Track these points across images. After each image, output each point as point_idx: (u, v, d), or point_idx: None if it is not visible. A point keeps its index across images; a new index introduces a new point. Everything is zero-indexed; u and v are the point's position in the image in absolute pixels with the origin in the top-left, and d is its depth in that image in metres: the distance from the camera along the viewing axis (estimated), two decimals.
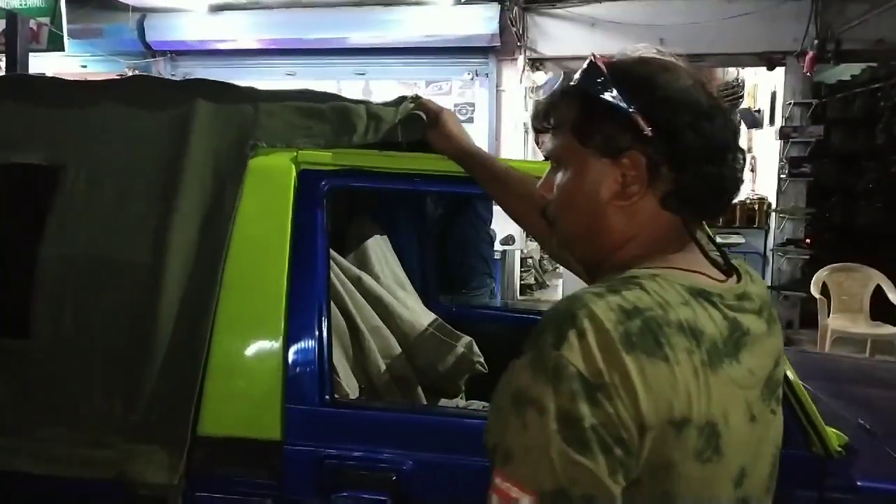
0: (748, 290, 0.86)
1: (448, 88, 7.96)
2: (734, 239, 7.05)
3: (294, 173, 1.57)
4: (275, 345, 1.51)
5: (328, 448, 1.47)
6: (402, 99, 1.61)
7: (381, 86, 7.94)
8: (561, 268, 8.93)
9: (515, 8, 6.70)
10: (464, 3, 6.93)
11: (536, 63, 7.27)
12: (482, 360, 2.29)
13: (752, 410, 0.79)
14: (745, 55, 7.00)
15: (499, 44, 7.14)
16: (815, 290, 5.81)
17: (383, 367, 1.99)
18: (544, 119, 0.93)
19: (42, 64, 6.64)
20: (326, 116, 1.60)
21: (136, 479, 1.47)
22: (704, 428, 0.72)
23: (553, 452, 0.68)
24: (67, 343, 1.57)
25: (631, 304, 0.73)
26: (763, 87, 7.95)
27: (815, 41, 6.53)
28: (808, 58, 6.56)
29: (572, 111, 0.88)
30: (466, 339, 2.28)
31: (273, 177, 1.57)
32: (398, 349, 2.08)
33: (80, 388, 1.55)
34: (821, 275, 5.87)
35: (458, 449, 1.45)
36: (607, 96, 0.83)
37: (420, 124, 1.52)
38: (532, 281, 8.52)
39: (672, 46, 0.96)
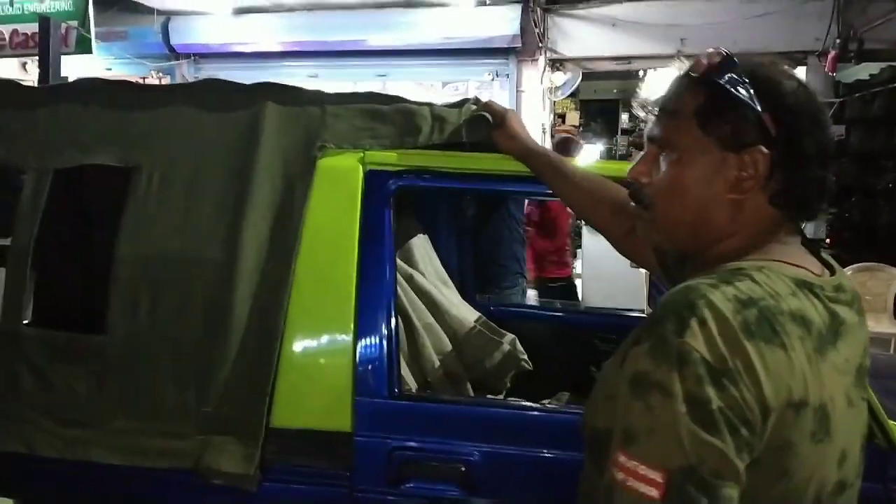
0: (842, 282, 0.90)
1: (465, 89, 8.01)
2: None
3: (361, 173, 1.62)
4: (345, 340, 1.56)
5: (397, 440, 1.52)
6: (464, 101, 1.66)
7: (400, 87, 7.99)
8: (578, 268, 8.96)
9: (538, 9, 6.72)
10: (486, 5, 6.97)
11: (556, 64, 7.30)
12: (526, 357, 2.34)
13: (849, 396, 0.84)
14: (767, 55, 6.90)
15: (520, 45, 7.18)
16: None
17: (437, 363, 2.04)
18: (659, 103, 0.94)
19: (67, 66, 6.75)
20: (391, 118, 1.65)
21: (213, 469, 1.53)
22: (818, 410, 0.77)
23: (682, 432, 0.71)
24: (142, 338, 1.62)
25: (745, 295, 0.77)
26: None
27: (837, 40, 6.53)
28: (830, 57, 6.56)
29: (698, 99, 0.88)
30: (510, 336, 2.33)
31: (341, 177, 1.62)
32: (449, 346, 2.13)
33: (153, 382, 1.61)
34: None
35: (525, 441, 1.49)
36: (741, 91, 0.85)
37: (485, 125, 1.57)
38: None
39: (693, 47, 1.00)
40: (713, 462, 0.71)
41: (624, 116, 12.35)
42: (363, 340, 1.56)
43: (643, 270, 7.16)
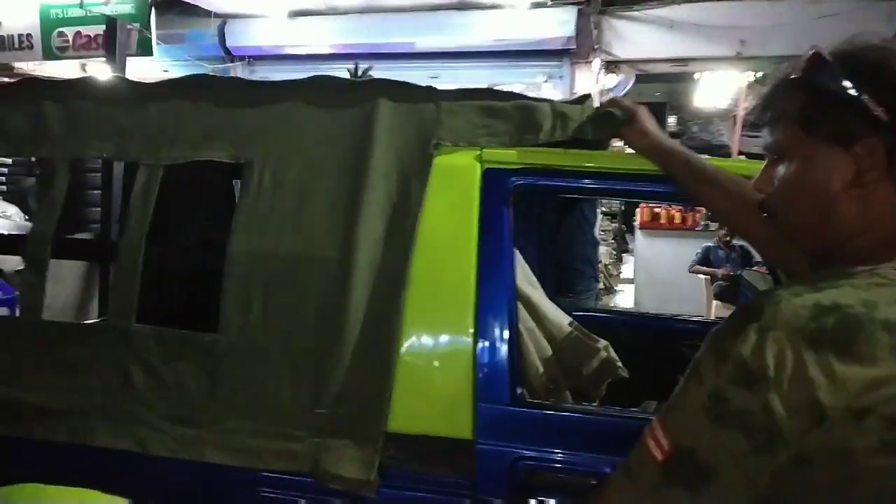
0: None
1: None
2: None
3: (479, 171, 1.57)
4: (465, 342, 1.51)
5: (521, 449, 1.47)
6: (584, 97, 1.61)
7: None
8: (630, 272, 8.82)
9: (594, 11, 6.64)
10: (542, 7, 6.91)
11: (611, 66, 7.20)
12: (620, 364, 2.27)
13: None
14: None
15: (574, 47, 7.10)
16: None
17: (540, 368, 1.98)
18: (763, 112, 0.94)
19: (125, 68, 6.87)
20: (509, 115, 1.60)
21: (331, 473, 1.50)
22: (888, 420, 0.73)
23: (696, 418, 0.80)
24: (255, 337, 1.60)
25: (830, 301, 0.76)
26: None
27: None
28: None
29: (796, 102, 0.88)
30: (604, 342, 2.26)
31: (458, 175, 1.58)
32: (550, 351, 2.07)
33: (266, 382, 1.59)
34: None
35: None
36: (836, 84, 0.83)
37: (614, 121, 1.51)
38: (601, 286, 8.42)
39: (753, 48, 0.97)
40: (710, 454, 0.78)
41: (671, 119, 12.18)
42: (483, 344, 1.51)
43: (702, 275, 7.03)
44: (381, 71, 8.13)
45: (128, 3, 6.85)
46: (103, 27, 7.12)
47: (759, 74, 8.01)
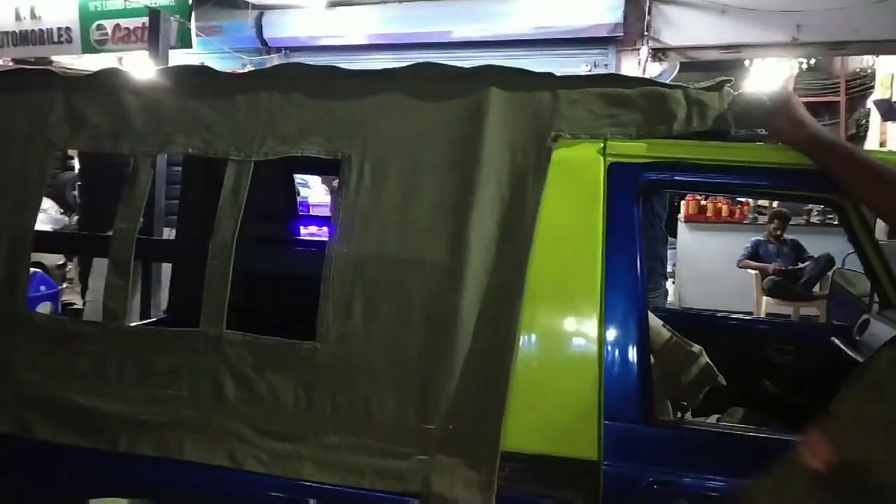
0: None
1: None
2: None
3: (603, 166, 1.44)
4: (590, 353, 1.39)
5: (653, 471, 1.33)
6: (721, 83, 1.46)
7: None
8: (670, 268, 8.59)
9: None
10: None
11: (659, 53, 6.97)
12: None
13: None
14: (892, 42, 6.51)
15: (622, 34, 6.89)
16: None
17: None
18: None
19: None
20: (636, 103, 1.46)
21: (445, 496, 1.38)
22: None
23: (872, 433, 0.77)
24: (356, 346, 1.49)
25: None
26: None
27: None
28: None
29: None
30: (698, 346, 2.12)
31: (580, 170, 1.45)
32: (651, 359, 1.93)
33: (369, 394, 1.47)
34: None
35: None
36: None
37: (762, 110, 1.36)
38: None
39: (810, 34, 0.81)
40: (884, 472, 0.76)
41: None
42: (612, 354, 1.38)
43: (751, 271, 6.80)
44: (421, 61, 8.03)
45: None
46: (143, 20, 7.11)
47: (812, 61, 7.74)
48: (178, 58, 6.80)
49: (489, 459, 1.38)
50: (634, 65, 7.04)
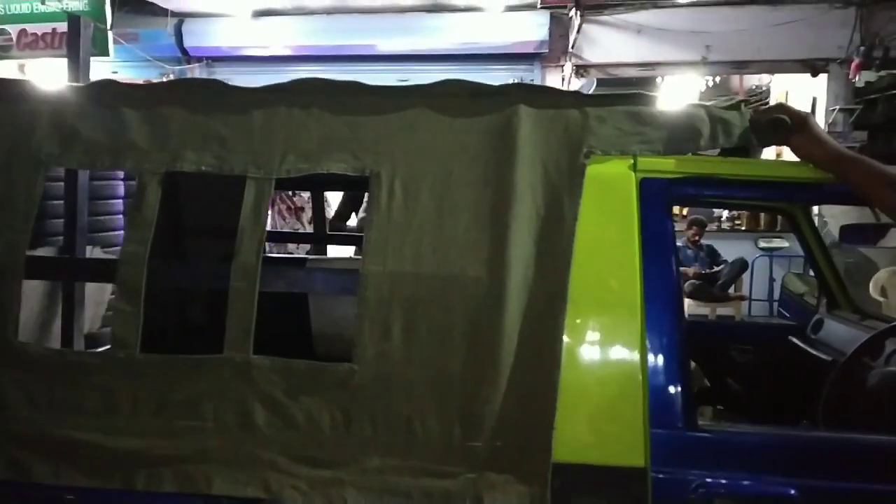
0: None
1: None
2: (777, 243, 7.12)
3: (635, 182, 1.50)
4: (632, 363, 1.44)
5: (700, 476, 1.40)
6: (738, 103, 1.56)
7: None
8: None
9: (572, 14, 6.69)
10: (516, 10, 6.91)
11: (581, 70, 7.27)
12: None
13: None
14: (790, 62, 7.09)
15: (547, 50, 7.13)
16: (874, 292, 5.88)
17: None
18: None
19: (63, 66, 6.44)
20: (662, 121, 1.53)
21: None
22: None
23: None
24: (395, 365, 1.47)
25: None
26: (795, 94, 8.06)
27: (861, 48, 6.65)
28: (854, 65, 6.68)
29: None
30: None
31: (613, 186, 1.50)
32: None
33: (411, 414, 1.46)
34: (880, 276, 5.94)
35: (859, 475, 1.38)
36: None
37: (783, 128, 1.47)
38: None
39: (718, 54, 0.95)
40: None
41: None
42: (654, 363, 1.44)
43: None
44: (349, 74, 7.97)
45: (80, 0, 6.44)
46: (52, 25, 6.70)
47: (717, 79, 8.28)
48: (93, 67, 6.45)
49: (540, 474, 1.40)
50: (559, 80, 7.30)
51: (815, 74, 7.05)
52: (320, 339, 2.61)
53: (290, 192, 5.55)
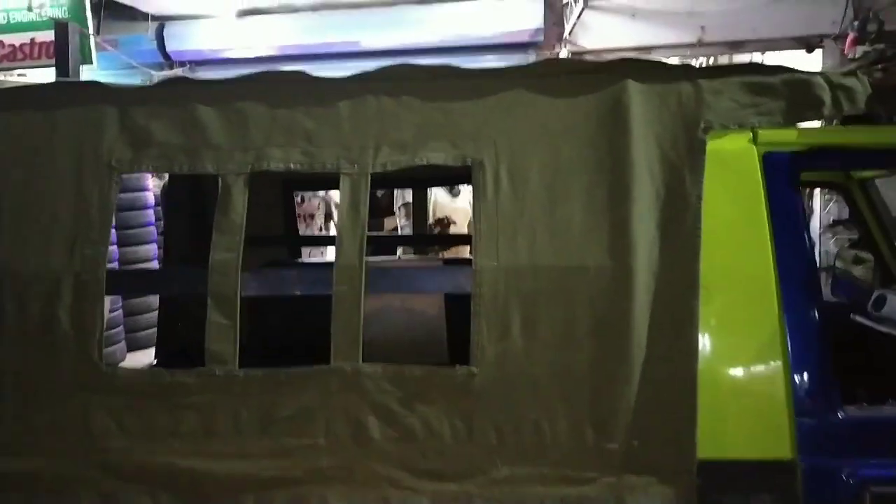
0: None
1: None
2: None
3: (757, 156, 1.41)
4: (772, 349, 1.34)
5: (849, 463, 1.31)
6: (852, 71, 1.48)
7: None
8: None
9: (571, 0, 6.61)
10: None
11: (577, 57, 7.18)
12: None
13: None
14: (785, 39, 7.07)
15: (542, 39, 7.03)
16: None
17: None
18: None
19: (43, 78, 6.19)
20: (780, 91, 1.44)
21: None
22: None
23: None
24: (518, 366, 1.37)
25: None
26: None
27: (855, 23, 6.65)
28: (849, 39, 6.66)
29: None
30: None
31: (734, 161, 1.42)
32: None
33: (538, 417, 1.36)
34: None
35: None
36: None
37: None
38: None
39: (713, 34, 0.86)
40: None
41: None
42: (795, 350, 1.34)
43: None
44: (336, 71, 7.81)
45: (60, 6, 6.19)
46: (30, 35, 6.43)
47: (712, 60, 8.27)
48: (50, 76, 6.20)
49: (685, 473, 1.31)
50: None
51: (810, 51, 7.04)
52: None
53: (300, 199, 5.41)
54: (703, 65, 8.67)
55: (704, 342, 1.35)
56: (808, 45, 6.98)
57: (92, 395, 1.41)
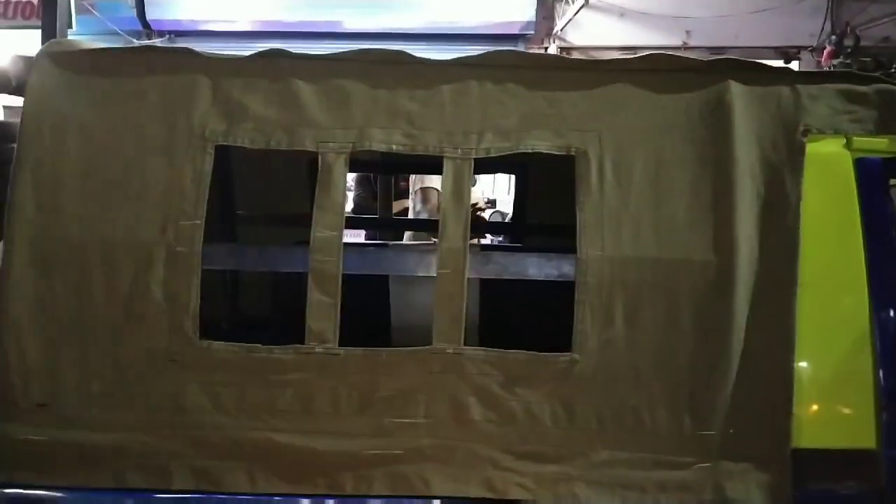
0: None
1: None
2: None
3: (850, 161, 1.47)
4: (862, 346, 1.41)
5: None
6: None
7: None
8: None
9: None
10: None
11: (565, 52, 7.25)
12: None
13: None
14: (764, 49, 7.28)
15: (533, 32, 7.07)
16: None
17: None
18: None
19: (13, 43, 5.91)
20: (872, 101, 1.50)
21: (738, 502, 1.34)
22: None
23: None
24: (620, 354, 1.40)
25: None
26: None
27: (833, 37, 6.91)
28: (826, 52, 6.92)
29: None
30: None
31: (830, 165, 1.47)
32: None
33: (638, 404, 1.40)
34: None
35: None
36: None
37: None
38: None
39: (698, 39, 0.96)
40: None
41: None
42: (883, 342, 1.42)
43: None
44: (322, 51, 7.68)
45: None
46: None
47: None
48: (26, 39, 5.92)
49: (780, 461, 1.36)
50: None
51: (787, 61, 7.26)
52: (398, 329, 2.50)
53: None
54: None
55: (800, 337, 1.40)
56: (786, 55, 7.21)
57: (185, 369, 1.37)
